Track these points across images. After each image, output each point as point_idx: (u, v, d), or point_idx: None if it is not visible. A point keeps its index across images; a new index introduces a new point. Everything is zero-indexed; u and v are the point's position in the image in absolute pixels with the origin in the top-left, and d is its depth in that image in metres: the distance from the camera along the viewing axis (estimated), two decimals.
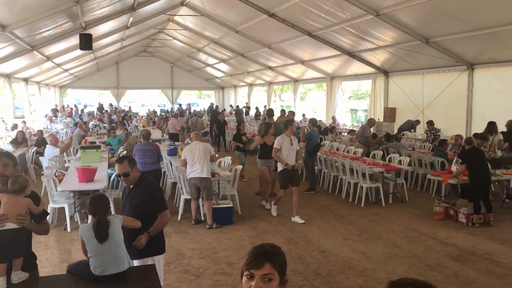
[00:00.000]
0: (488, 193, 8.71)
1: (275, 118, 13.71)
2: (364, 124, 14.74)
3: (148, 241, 4.20)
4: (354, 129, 18.58)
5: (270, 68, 23.85)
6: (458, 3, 10.29)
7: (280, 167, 8.67)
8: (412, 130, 16.29)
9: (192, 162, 8.22)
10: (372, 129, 14.19)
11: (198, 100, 54.78)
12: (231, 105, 33.41)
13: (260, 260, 2.00)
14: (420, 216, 9.04)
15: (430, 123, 13.61)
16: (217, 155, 9.25)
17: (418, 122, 15.86)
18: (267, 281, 1.99)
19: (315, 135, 11.47)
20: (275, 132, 10.47)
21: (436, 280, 5.94)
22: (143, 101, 50.92)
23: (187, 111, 30.70)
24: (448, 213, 8.83)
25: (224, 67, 28.89)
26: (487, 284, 5.80)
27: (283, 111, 19.58)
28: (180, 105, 35.53)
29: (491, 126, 10.55)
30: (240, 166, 9.85)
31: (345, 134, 18.09)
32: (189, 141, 12.82)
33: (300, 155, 9.21)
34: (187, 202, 8.98)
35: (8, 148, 12.52)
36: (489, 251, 7.01)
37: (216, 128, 19.64)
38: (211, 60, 28.00)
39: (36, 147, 13.07)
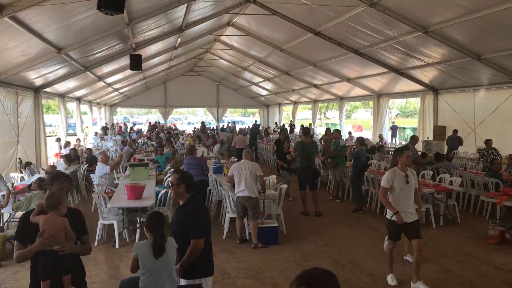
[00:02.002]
0: None
1: (319, 136, 13.59)
2: (407, 143, 14.32)
3: (197, 262, 4.23)
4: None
5: (315, 86, 23.82)
6: (510, 19, 9.96)
7: (389, 214, 6.46)
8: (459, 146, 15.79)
9: (239, 180, 8.27)
10: (420, 148, 13.81)
11: (243, 118, 55.30)
12: (276, 123, 33.50)
13: (297, 283, 1.99)
14: (474, 239, 8.67)
15: (488, 142, 13.05)
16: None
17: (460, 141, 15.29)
18: None
19: (363, 154, 11.30)
20: (310, 150, 10.73)
21: None
22: (189, 119, 51.96)
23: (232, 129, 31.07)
24: (504, 237, 8.42)
25: (268, 85, 29.10)
26: None
27: (328, 129, 19.45)
28: (234, 122, 36.13)
29: None
30: (285, 185, 9.82)
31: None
32: (234, 159, 12.98)
33: (417, 195, 6.64)
34: (232, 220, 9.01)
35: (61, 165, 13.02)
36: None
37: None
38: (256, 79, 28.28)
39: (87, 165, 13.52)
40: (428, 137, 16.90)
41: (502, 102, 13.50)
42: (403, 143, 22.14)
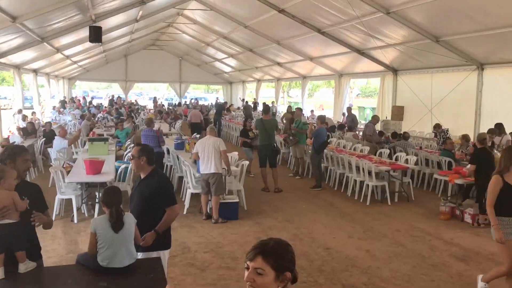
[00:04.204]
0: None
1: (281, 114, 13.71)
2: (368, 122, 14.68)
3: (159, 237, 4.26)
4: (361, 126, 18.54)
5: (278, 64, 23.82)
6: (470, 2, 10.22)
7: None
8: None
9: (203, 156, 8.27)
10: (378, 127, 14.14)
11: (206, 95, 54.92)
12: (242, 99, 33.46)
13: (253, 252, 2.06)
14: (426, 215, 9.04)
15: (437, 126, 13.53)
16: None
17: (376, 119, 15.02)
18: (259, 274, 2.02)
19: (323, 132, 11.47)
20: (270, 128, 10.88)
21: (441, 279, 5.96)
22: (152, 94, 51.17)
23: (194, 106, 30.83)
24: (454, 213, 8.82)
25: (232, 62, 28.89)
26: (491, 285, 5.80)
27: (290, 107, 19.60)
28: (196, 99, 35.89)
29: (499, 127, 10.50)
30: (247, 162, 9.89)
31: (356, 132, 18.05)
32: (196, 136, 12.93)
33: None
34: (194, 196, 9.04)
35: (17, 138, 12.62)
36: (494, 251, 6.98)
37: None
38: (220, 55, 28.00)
39: (44, 138, 13.16)
40: (386, 117, 17.28)
41: (458, 84, 13.91)
42: (363, 122, 22.57)
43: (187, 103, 34.29)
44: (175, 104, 33.54)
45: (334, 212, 9.23)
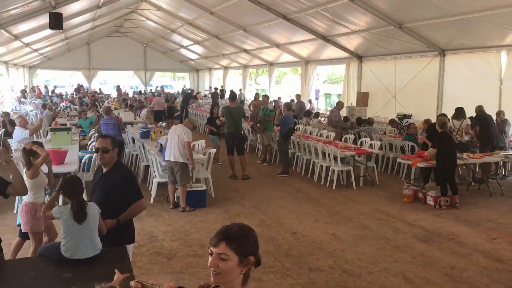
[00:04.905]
0: (454, 176, 8.98)
1: (249, 101, 13.72)
2: (333, 108, 14.88)
3: (118, 230, 4.16)
4: (326, 113, 18.77)
5: (245, 51, 23.75)
6: None
7: None
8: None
9: (168, 144, 8.21)
10: (344, 113, 14.33)
11: (172, 83, 54.21)
12: (210, 87, 33.21)
13: (216, 238, 2.08)
14: (390, 199, 9.27)
15: (392, 122, 13.76)
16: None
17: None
18: (223, 260, 2.05)
19: (290, 119, 11.55)
20: (236, 115, 10.85)
21: (403, 260, 6.15)
22: (116, 82, 50.19)
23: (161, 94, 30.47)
24: (417, 196, 9.07)
25: (198, 49, 28.62)
26: (451, 263, 6.03)
27: (257, 94, 19.60)
28: (162, 87, 35.49)
29: (459, 111, 10.81)
30: (214, 150, 9.88)
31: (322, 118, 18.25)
32: (162, 124, 12.81)
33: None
34: (160, 185, 8.99)
35: None
36: (454, 232, 7.26)
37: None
38: (186, 42, 27.69)
39: (4, 129, 12.77)
40: (352, 103, 17.54)
41: (421, 70, 14.21)
42: (329, 108, 22.84)
43: (153, 91, 33.89)
44: (139, 92, 33.08)
45: (301, 197, 9.35)
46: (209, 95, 29.01)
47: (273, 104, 16.33)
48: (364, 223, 7.72)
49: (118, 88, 33.03)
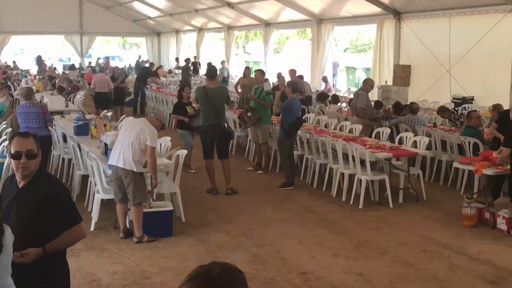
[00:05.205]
0: None
1: (236, 80, 13.72)
2: (359, 89, 14.88)
3: (43, 271, 4.13)
4: (348, 96, 18.80)
5: (229, 5, 23.75)
6: None
7: None
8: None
9: (118, 141, 8.16)
10: (374, 95, 14.32)
11: (122, 52, 54.11)
12: (177, 58, 33.13)
13: (193, 284, 2.03)
14: (443, 221, 9.29)
15: (445, 109, 13.80)
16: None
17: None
18: None
19: (296, 105, 11.54)
20: (217, 100, 10.80)
21: None
22: (38, 52, 49.97)
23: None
24: (482, 217, 9.10)
25: (160, 2, 28.59)
26: None
27: (248, 69, 19.61)
28: (107, 58, 35.45)
29: None
30: (185, 151, 9.85)
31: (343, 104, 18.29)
32: (107, 114, 12.80)
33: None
34: (105, 204, 8.96)
35: None
36: None
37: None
38: None
39: None
40: (386, 81, 17.60)
41: (488, 31, 14.23)
42: (353, 89, 22.89)
43: (92, 65, 33.77)
44: (70, 66, 32.90)
45: (313, 220, 9.37)
46: (176, 71, 29.02)
47: (272, 83, 16.34)
48: (405, 257, 7.76)
49: (40, 61, 32.87)
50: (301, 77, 19.34)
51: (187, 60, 28.32)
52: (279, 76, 18.92)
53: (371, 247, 8.14)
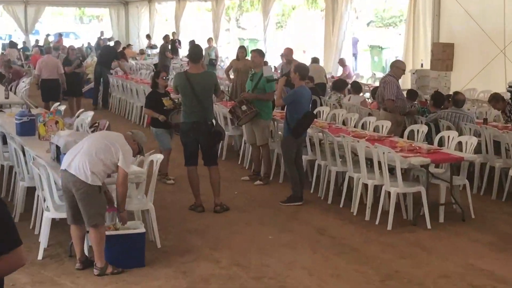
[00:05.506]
0: None
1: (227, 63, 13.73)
2: (386, 75, 14.84)
3: None
4: (373, 84, 18.83)
5: None
6: None
7: None
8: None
9: (75, 146, 8.17)
10: (407, 83, 14.31)
11: (79, 27, 54.21)
12: (148, 35, 33.20)
13: None
14: (496, 246, 9.31)
15: (497, 99, 13.76)
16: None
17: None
18: None
19: (305, 96, 11.54)
20: (202, 90, 10.81)
21: None
22: None
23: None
24: None
25: None
26: None
27: (242, 49, 19.64)
28: (60, 34, 35.58)
29: None
30: (161, 156, 9.85)
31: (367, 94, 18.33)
32: (60, 108, 12.81)
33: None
34: (56, 225, 8.96)
35: None
36: None
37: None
38: None
39: None
40: (422, 65, 17.64)
41: None
42: (379, 75, 22.93)
43: (40, 43, 33.87)
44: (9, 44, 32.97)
45: (327, 245, 9.38)
46: (150, 52, 29.05)
47: (273, 67, 16.34)
48: None
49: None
50: (315, 60, 19.31)
51: (166, 38, 28.27)
52: (286, 51, 17.42)
53: (403, 280, 8.14)
